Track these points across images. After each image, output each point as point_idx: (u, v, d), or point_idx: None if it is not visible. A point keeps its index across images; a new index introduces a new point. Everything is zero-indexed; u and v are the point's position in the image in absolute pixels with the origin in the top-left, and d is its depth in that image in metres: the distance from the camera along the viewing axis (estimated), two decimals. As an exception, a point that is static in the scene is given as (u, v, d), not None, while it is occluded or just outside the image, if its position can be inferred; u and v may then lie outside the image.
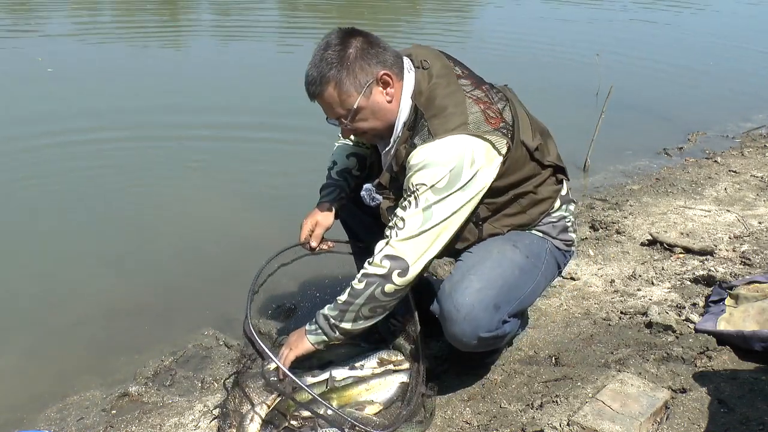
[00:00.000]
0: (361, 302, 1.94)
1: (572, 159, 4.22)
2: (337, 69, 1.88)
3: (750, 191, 4.00)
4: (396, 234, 1.89)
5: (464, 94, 1.94)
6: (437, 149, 1.86)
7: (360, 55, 1.89)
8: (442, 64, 2.00)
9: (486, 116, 1.92)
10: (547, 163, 2.09)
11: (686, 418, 1.97)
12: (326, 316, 2.00)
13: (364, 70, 1.89)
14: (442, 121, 1.89)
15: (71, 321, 2.77)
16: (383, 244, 1.92)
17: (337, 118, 1.96)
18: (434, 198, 1.86)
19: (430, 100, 1.92)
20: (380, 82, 1.91)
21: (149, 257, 3.30)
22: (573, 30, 9.42)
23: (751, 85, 6.89)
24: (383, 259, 1.90)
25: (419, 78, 1.96)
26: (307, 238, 2.24)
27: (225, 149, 4.65)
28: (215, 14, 10.65)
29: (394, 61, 1.94)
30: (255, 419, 1.99)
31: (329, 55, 1.88)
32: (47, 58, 6.73)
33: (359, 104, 1.91)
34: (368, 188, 2.10)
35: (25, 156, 4.38)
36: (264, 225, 3.56)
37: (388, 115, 1.96)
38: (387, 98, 1.94)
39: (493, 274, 1.99)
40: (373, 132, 2.01)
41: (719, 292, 2.61)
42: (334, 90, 1.89)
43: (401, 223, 1.89)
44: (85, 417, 2.22)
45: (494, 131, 1.91)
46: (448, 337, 2.02)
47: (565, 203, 2.19)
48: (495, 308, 1.98)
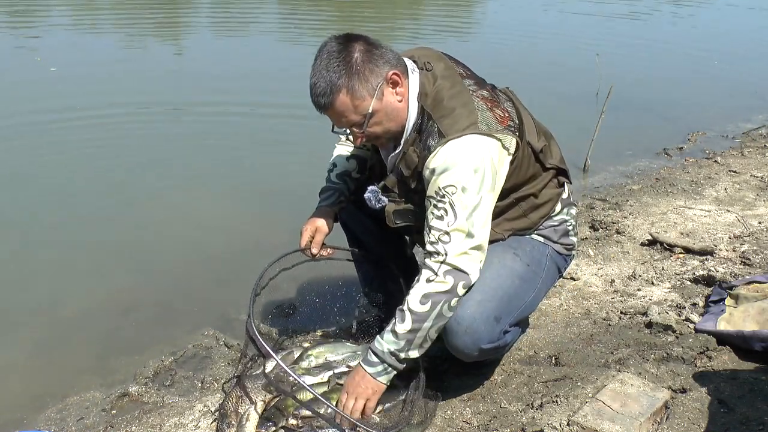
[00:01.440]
0: (429, 325, 1.88)
1: (572, 159, 4.21)
2: (347, 75, 1.84)
3: (750, 191, 4.00)
4: (446, 250, 1.85)
5: (470, 93, 1.94)
6: (456, 150, 1.85)
7: (366, 58, 1.86)
8: (445, 65, 1.99)
9: (494, 115, 1.91)
10: (549, 166, 2.09)
11: (686, 418, 1.97)
12: (392, 352, 1.90)
13: (374, 72, 1.87)
14: (451, 121, 1.88)
15: (71, 321, 2.77)
16: (437, 261, 1.86)
17: (351, 126, 1.92)
18: (470, 202, 1.84)
19: (437, 101, 1.91)
20: (390, 83, 1.89)
21: (149, 257, 3.30)
22: (573, 30, 9.42)
23: (751, 85, 6.89)
24: (446, 275, 1.86)
25: (423, 80, 1.95)
26: (307, 244, 2.23)
27: (226, 149, 4.64)
28: (215, 10, 10.65)
29: (398, 60, 1.93)
30: (252, 417, 1.98)
31: (334, 64, 1.84)
32: (48, 57, 6.73)
33: (374, 107, 1.88)
34: (374, 190, 2.06)
35: (26, 155, 4.38)
36: (265, 225, 3.55)
37: (401, 114, 1.94)
38: (398, 98, 1.92)
39: (494, 284, 1.98)
40: (387, 135, 1.98)
41: (719, 292, 2.61)
42: (347, 96, 1.86)
43: (447, 237, 1.85)
44: (85, 417, 2.22)
45: (503, 129, 1.91)
46: (448, 347, 2.01)
47: (567, 206, 2.18)
48: (496, 320, 1.98)
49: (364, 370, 1.95)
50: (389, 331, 1.91)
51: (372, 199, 2.07)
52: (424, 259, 1.91)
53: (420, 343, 1.91)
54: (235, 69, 6.73)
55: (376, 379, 1.94)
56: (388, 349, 1.91)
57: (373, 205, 2.07)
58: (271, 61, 7.24)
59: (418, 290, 1.88)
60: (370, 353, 1.95)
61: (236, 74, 6.52)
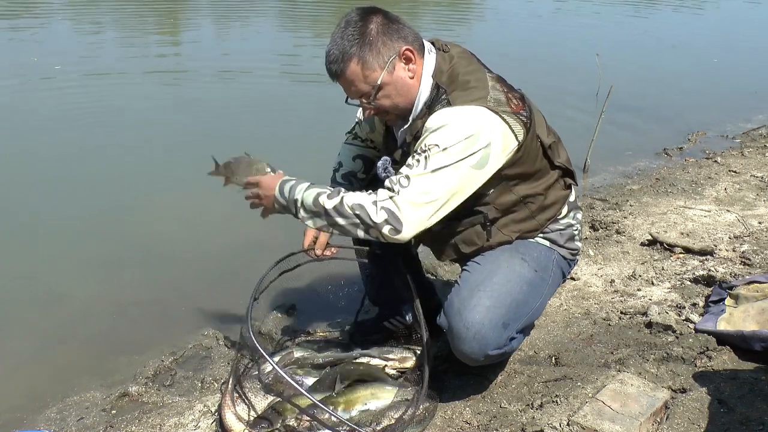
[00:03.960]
0: (340, 222, 1.87)
1: (572, 159, 4.15)
2: (359, 45, 1.87)
3: (750, 191, 4.00)
4: (400, 192, 1.82)
5: (486, 73, 1.96)
6: (455, 114, 1.85)
7: (382, 30, 1.89)
8: (462, 49, 2.02)
9: (507, 98, 1.92)
10: (558, 164, 2.09)
11: (686, 418, 1.96)
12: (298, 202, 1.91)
13: (387, 46, 1.89)
14: (463, 93, 1.88)
15: (71, 321, 2.77)
16: (385, 194, 1.84)
17: (360, 96, 1.95)
18: (445, 161, 1.81)
19: (453, 76, 1.93)
20: (402, 58, 1.91)
21: (149, 257, 3.30)
22: (573, 30, 9.42)
23: (751, 85, 6.90)
24: (381, 210, 1.82)
25: (440, 60, 1.97)
26: (311, 244, 2.23)
27: (227, 150, 4.63)
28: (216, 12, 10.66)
29: (414, 38, 1.95)
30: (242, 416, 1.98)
31: (350, 33, 1.88)
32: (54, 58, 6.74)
33: (383, 80, 1.91)
34: (386, 159, 2.06)
35: (25, 154, 4.39)
36: (265, 224, 3.53)
37: (411, 91, 1.95)
38: (409, 74, 1.93)
39: (503, 290, 1.97)
40: (396, 110, 1.99)
41: (719, 292, 2.61)
42: (358, 65, 1.89)
43: (406, 181, 1.83)
44: (85, 417, 2.22)
45: (513, 114, 1.90)
46: (455, 352, 2.01)
47: (573, 210, 2.18)
48: (504, 326, 1.97)
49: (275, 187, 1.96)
50: (315, 191, 1.90)
51: (381, 168, 2.05)
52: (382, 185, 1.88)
53: (320, 225, 1.91)
54: (238, 69, 6.74)
55: (275, 197, 1.96)
56: (299, 198, 1.91)
57: (380, 173, 2.05)
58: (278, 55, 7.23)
59: (360, 198, 1.86)
60: (287, 185, 1.94)
61: (239, 74, 6.53)
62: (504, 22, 10.33)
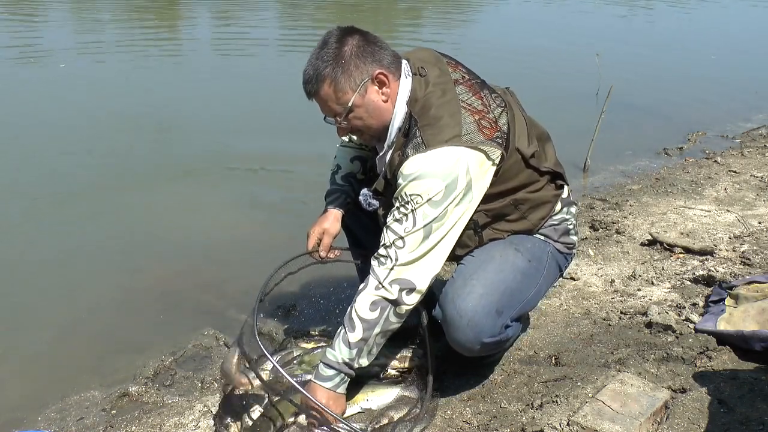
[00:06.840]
0: (378, 331, 1.90)
1: (572, 159, 4.23)
2: (332, 67, 1.88)
3: (750, 191, 4.00)
4: (397, 256, 1.86)
5: (459, 104, 1.92)
6: (431, 160, 1.85)
7: (356, 53, 1.89)
8: (440, 71, 1.98)
9: (480, 126, 1.90)
10: (544, 170, 2.09)
11: (686, 418, 1.96)
12: (345, 362, 1.92)
13: (360, 69, 1.89)
14: (435, 131, 1.87)
15: (71, 321, 2.77)
16: (386, 267, 1.87)
17: (333, 116, 1.96)
18: (432, 213, 1.84)
19: (425, 108, 1.91)
20: (375, 81, 1.91)
21: (150, 257, 3.29)
22: (573, 30, 9.42)
23: (751, 85, 6.90)
24: (391, 284, 1.87)
25: (415, 85, 1.95)
26: (315, 247, 2.23)
27: (228, 150, 4.64)
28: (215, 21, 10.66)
29: (391, 60, 1.94)
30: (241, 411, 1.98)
31: (325, 53, 1.89)
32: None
33: (354, 102, 1.91)
34: (365, 193, 2.08)
35: (25, 154, 4.38)
36: (265, 225, 3.56)
37: (384, 114, 1.95)
38: (382, 98, 1.93)
39: (496, 278, 1.99)
40: (369, 131, 1.99)
41: (719, 292, 2.61)
42: (330, 87, 1.89)
43: (401, 243, 1.86)
44: (85, 417, 2.22)
45: (488, 142, 1.90)
46: (451, 342, 2.02)
47: (567, 205, 2.18)
48: (497, 313, 1.98)
49: (319, 385, 1.94)
50: (341, 342, 1.91)
51: (363, 202, 2.08)
52: (374, 262, 1.91)
53: (369, 350, 1.94)
54: (237, 74, 6.73)
55: (335, 391, 1.95)
56: (342, 360, 1.92)
57: (364, 207, 2.08)
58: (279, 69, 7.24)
59: (365, 297, 1.89)
60: (323, 367, 1.94)
61: (240, 78, 6.53)
62: (504, 22, 10.33)
